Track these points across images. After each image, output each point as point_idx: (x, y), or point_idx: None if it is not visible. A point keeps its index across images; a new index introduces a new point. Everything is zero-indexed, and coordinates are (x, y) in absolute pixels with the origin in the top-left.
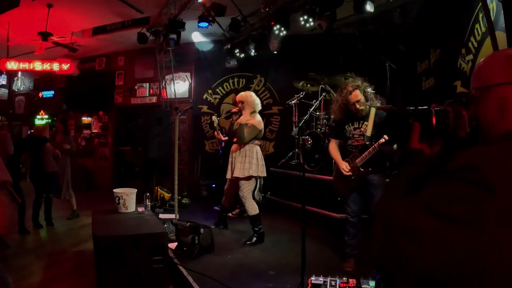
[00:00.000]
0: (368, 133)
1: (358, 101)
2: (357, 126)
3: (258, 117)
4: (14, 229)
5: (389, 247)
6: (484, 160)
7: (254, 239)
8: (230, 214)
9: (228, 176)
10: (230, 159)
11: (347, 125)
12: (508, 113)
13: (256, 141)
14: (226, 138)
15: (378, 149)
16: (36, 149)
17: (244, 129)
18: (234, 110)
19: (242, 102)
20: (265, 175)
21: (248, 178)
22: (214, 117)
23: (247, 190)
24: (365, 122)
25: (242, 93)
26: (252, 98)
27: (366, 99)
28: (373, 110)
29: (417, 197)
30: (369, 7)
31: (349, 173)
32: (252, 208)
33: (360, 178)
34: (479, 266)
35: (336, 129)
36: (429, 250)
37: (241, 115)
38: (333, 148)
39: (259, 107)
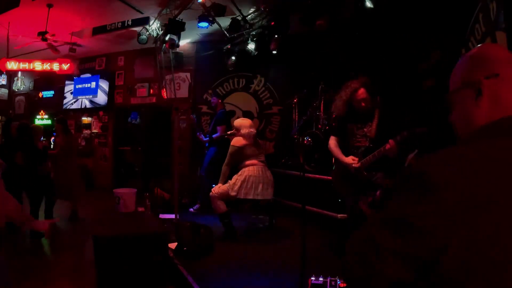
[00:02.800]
0: (372, 134)
1: (364, 99)
2: (360, 126)
3: (238, 138)
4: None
5: (357, 262)
6: (431, 165)
7: (225, 234)
8: (191, 210)
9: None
10: None
11: (350, 124)
12: (468, 117)
13: (248, 161)
14: (207, 138)
15: (383, 153)
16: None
17: (229, 151)
18: (230, 132)
19: (238, 129)
20: (250, 197)
21: (225, 189)
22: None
23: (216, 193)
24: (369, 123)
25: (239, 121)
26: (246, 131)
27: (372, 98)
28: (377, 111)
29: (379, 212)
30: (369, 4)
31: (358, 165)
32: (219, 209)
33: (362, 180)
34: (436, 270)
35: (337, 126)
36: (390, 262)
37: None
38: (334, 145)
39: (249, 137)
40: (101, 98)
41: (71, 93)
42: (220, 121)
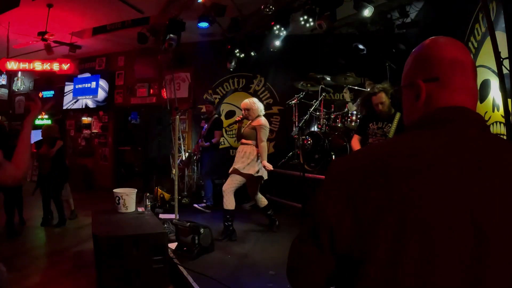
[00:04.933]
0: (390, 134)
1: (381, 103)
2: (380, 126)
3: (263, 118)
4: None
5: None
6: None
7: (224, 235)
8: (195, 205)
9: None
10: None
11: (371, 123)
12: (410, 112)
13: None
14: (208, 144)
15: None
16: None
17: (261, 132)
18: (238, 118)
19: (248, 110)
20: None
21: (237, 175)
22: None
23: (230, 186)
24: (389, 124)
25: (247, 101)
26: (256, 106)
27: (392, 103)
28: (398, 114)
29: None
30: (367, 12)
31: None
32: (228, 204)
33: None
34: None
35: (360, 125)
36: (309, 246)
37: (247, 121)
38: (355, 142)
39: (263, 112)
40: (102, 97)
41: (71, 93)
42: (218, 126)
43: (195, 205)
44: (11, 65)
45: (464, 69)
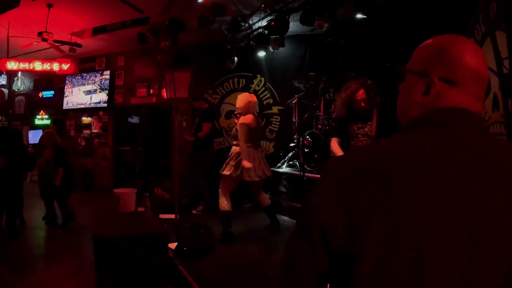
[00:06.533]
0: (373, 133)
1: (363, 100)
2: (361, 125)
3: (250, 116)
4: None
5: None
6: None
7: (222, 237)
8: (193, 211)
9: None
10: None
11: (350, 124)
12: (408, 104)
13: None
14: (193, 138)
15: None
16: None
17: (239, 131)
18: (236, 112)
19: (241, 105)
20: (253, 179)
21: (225, 176)
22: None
23: (223, 188)
24: (369, 122)
25: (240, 96)
26: (246, 101)
27: (371, 98)
28: (375, 110)
29: None
30: (359, 15)
31: None
32: (222, 206)
33: None
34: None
35: (338, 127)
36: (302, 244)
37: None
38: (336, 146)
39: (254, 108)
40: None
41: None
42: (206, 117)
43: (193, 211)
44: (11, 65)
45: (482, 82)
